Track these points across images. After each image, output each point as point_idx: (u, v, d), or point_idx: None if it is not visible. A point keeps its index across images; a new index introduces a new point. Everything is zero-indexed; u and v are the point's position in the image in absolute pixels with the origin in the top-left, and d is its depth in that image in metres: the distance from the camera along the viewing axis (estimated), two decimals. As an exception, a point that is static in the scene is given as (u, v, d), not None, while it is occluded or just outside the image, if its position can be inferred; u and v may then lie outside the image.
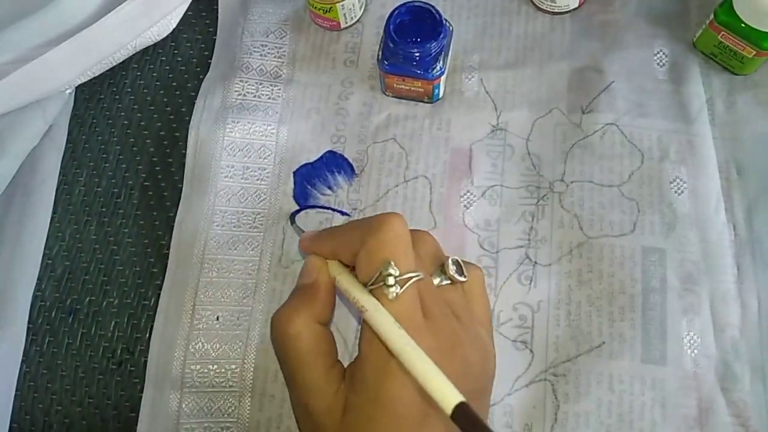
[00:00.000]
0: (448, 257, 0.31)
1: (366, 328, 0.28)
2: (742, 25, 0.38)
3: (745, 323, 0.36)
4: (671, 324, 0.36)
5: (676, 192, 0.39)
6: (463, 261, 0.31)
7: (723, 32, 0.39)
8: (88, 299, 0.40)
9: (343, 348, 0.37)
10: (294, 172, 0.41)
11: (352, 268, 0.30)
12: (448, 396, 0.23)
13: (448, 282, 0.30)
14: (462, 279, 0.31)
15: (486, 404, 0.31)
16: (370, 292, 0.28)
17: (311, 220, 0.40)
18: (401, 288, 0.27)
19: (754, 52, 0.39)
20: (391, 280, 0.27)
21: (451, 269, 0.30)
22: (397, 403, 0.26)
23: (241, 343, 0.37)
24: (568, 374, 0.35)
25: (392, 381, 0.26)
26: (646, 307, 0.36)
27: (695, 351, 0.35)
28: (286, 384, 0.30)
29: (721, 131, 0.40)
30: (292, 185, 0.41)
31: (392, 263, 0.27)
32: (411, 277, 0.27)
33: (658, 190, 0.39)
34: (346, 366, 0.30)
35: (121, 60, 0.41)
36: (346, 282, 0.29)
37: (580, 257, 0.38)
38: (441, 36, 0.37)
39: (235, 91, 0.42)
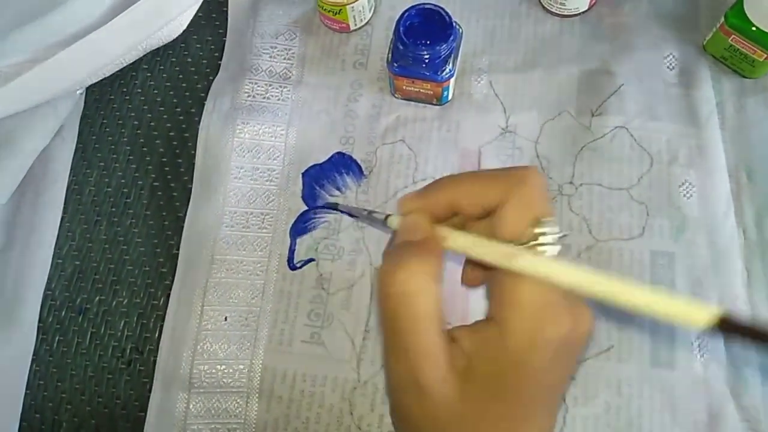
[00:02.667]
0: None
1: (512, 292, 0.24)
2: (753, 28, 0.38)
3: (755, 328, 0.36)
4: (680, 328, 0.36)
5: (685, 196, 0.39)
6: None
7: (733, 35, 0.39)
8: (97, 299, 0.40)
9: (351, 348, 0.37)
10: (303, 174, 0.41)
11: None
12: (702, 312, 0.21)
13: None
14: (566, 233, 0.28)
15: None
16: None
17: (318, 221, 0.40)
18: (557, 247, 0.25)
19: (765, 56, 0.38)
20: (549, 239, 0.24)
21: (549, 225, 0.26)
22: (544, 372, 0.24)
23: (249, 344, 0.37)
24: (577, 377, 0.35)
25: (544, 350, 0.24)
26: (655, 311, 0.36)
27: (705, 355, 0.35)
28: (389, 352, 0.26)
29: (731, 135, 0.40)
30: (300, 186, 0.41)
31: (547, 221, 0.25)
32: (561, 237, 0.25)
33: (667, 194, 0.39)
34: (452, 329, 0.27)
35: (132, 61, 0.41)
36: (467, 240, 0.26)
37: (588, 260, 0.38)
38: (451, 38, 0.37)
39: (245, 92, 0.42)
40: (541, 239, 0.24)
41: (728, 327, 0.21)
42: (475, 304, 0.37)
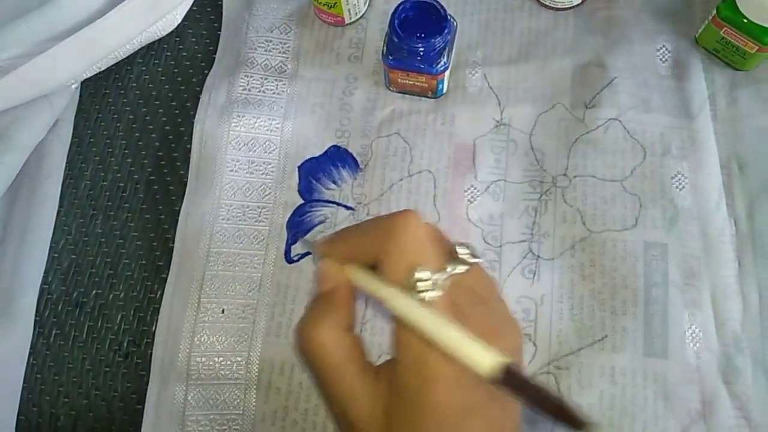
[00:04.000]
0: (453, 243, 0.29)
1: (399, 330, 0.26)
2: (745, 20, 0.38)
3: (746, 317, 0.36)
4: (673, 318, 0.36)
5: (677, 187, 0.39)
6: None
7: (725, 28, 0.39)
8: (94, 292, 0.40)
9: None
10: (299, 167, 0.41)
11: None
12: (488, 360, 0.23)
13: (464, 267, 0.28)
14: (478, 260, 0.29)
15: None
16: None
17: (315, 214, 0.40)
18: (436, 291, 0.26)
19: (756, 48, 0.39)
20: (423, 285, 0.26)
21: (463, 253, 0.28)
22: (441, 406, 0.25)
23: (246, 336, 0.37)
24: (571, 367, 0.36)
25: (433, 386, 0.25)
26: (648, 301, 0.37)
27: (697, 344, 0.36)
28: (321, 395, 0.29)
29: (722, 127, 0.40)
30: (297, 179, 0.41)
31: (420, 268, 0.26)
32: (444, 278, 0.26)
33: (660, 185, 0.39)
34: (378, 364, 0.29)
35: (127, 55, 0.41)
36: (365, 281, 0.28)
37: (582, 251, 0.38)
38: (445, 31, 0.38)
39: (240, 85, 0.42)
40: (419, 286, 0.25)
41: (511, 381, 0.22)
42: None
